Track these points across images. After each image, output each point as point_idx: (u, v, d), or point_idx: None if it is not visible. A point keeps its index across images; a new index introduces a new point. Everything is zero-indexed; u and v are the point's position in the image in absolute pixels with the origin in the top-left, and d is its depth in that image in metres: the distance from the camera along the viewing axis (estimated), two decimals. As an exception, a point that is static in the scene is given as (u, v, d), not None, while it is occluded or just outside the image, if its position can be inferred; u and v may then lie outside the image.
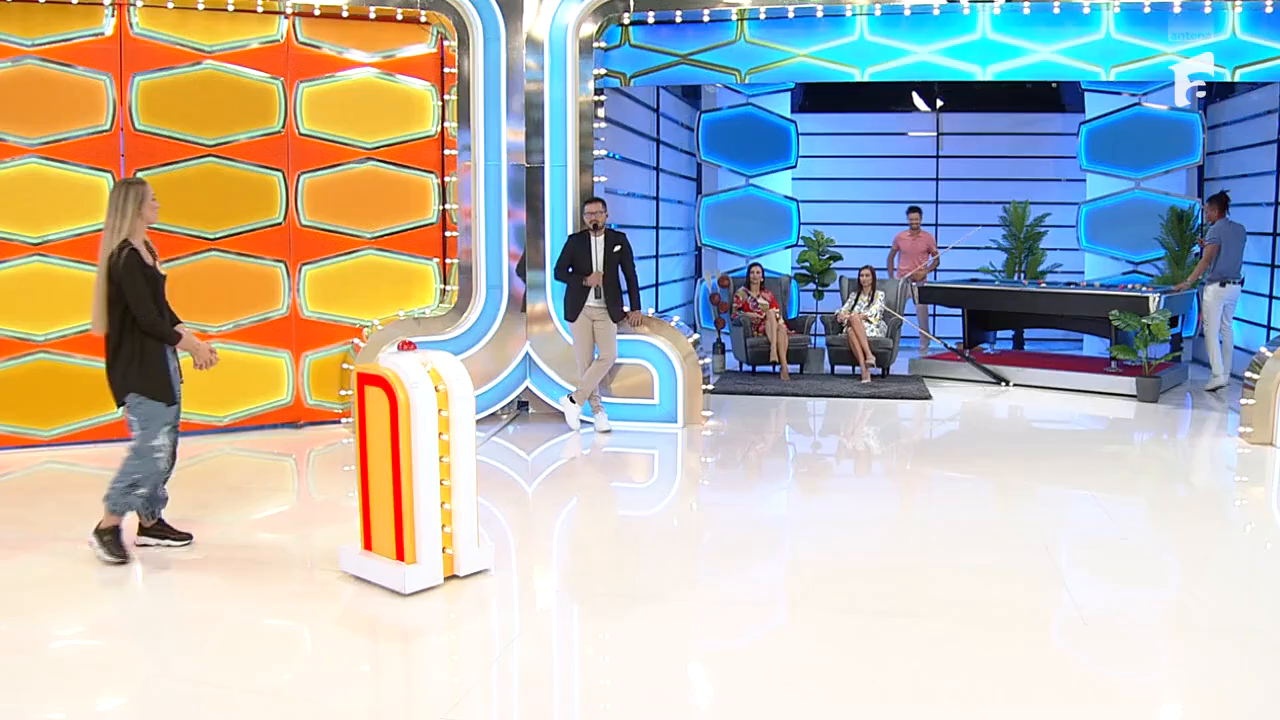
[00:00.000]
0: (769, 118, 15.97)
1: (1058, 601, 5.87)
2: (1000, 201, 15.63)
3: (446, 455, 5.86)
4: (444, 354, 6.09)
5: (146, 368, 6.30)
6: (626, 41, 10.75)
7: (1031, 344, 15.03)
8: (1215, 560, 6.69)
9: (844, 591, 5.98)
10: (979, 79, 10.61)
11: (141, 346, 6.27)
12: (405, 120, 10.34)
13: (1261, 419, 9.67)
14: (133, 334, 6.25)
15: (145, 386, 6.31)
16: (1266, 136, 13.29)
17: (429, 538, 5.79)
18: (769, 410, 11.47)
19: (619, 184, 12.55)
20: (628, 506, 8.07)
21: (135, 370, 6.27)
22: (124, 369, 6.27)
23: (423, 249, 10.48)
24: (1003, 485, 8.54)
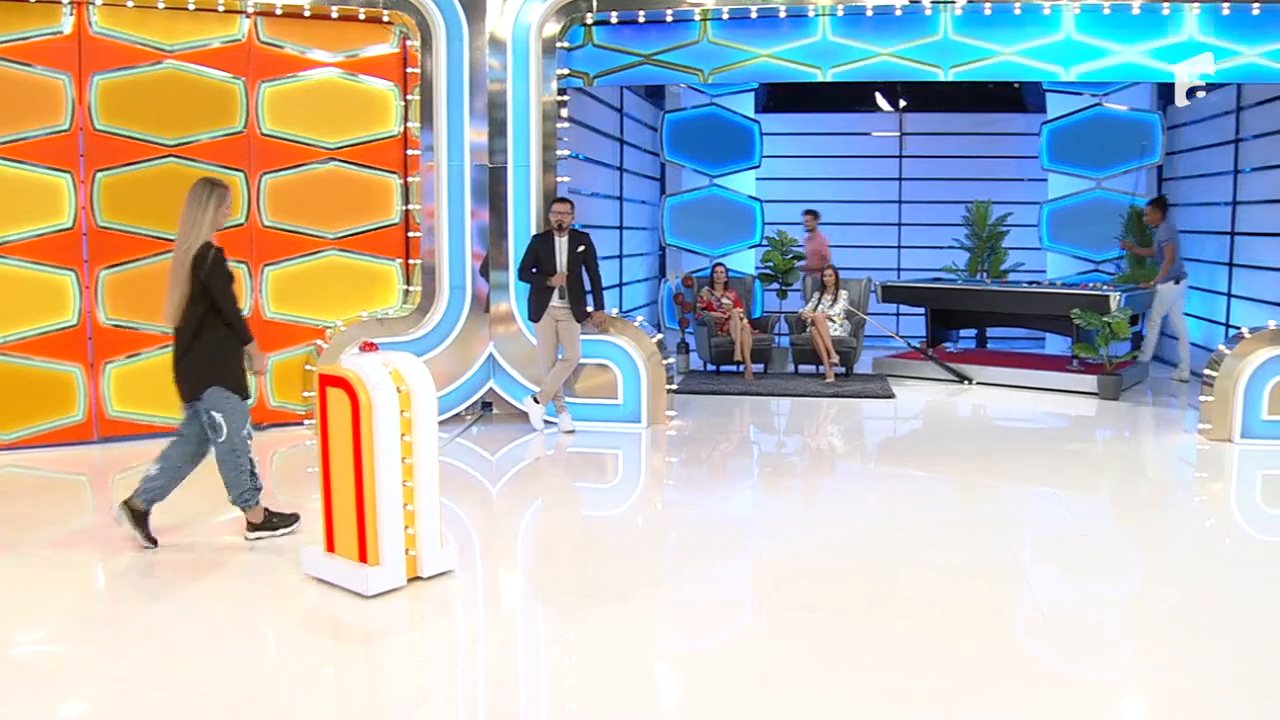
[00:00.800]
0: (732, 118, 16.02)
1: (1020, 598, 5.93)
2: (963, 201, 15.73)
3: (409, 456, 5.86)
4: (406, 355, 6.09)
5: (229, 362, 6.53)
6: (590, 42, 10.76)
7: (994, 342, 15.14)
8: (1176, 556, 6.77)
9: (809, 590, 6.01)
10: (941, 79, 10.69)
11: (222, 342, 6.46)
12: (368, 120, 10.32)
13: (1220, 415, 9.79)
14: (213, 330, 6.43)
15: (228, 380, 6.53)
16: (1224, 137, 13.44)
17: (392, 539, 5.79)
18: (733, 410, 11.51)
19: (582, 184, 12.55)
20: (592, 507, 8.08)
21: (219, 365, 6.49)
22: (203, 364, 6.45)
23: (385, 249, 10.46)
24: (966, 483, 8.60)
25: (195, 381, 6.50)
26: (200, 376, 6.49)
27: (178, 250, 6.40)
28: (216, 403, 6.52)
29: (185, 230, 6.40)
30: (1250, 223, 12.82)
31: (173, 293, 6.41)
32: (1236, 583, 6.21)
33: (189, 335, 6.44)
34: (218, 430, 6.55)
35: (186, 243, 6.38)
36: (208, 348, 6.44)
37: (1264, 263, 12.38)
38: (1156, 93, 14.90)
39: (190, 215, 6.42)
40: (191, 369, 6.49)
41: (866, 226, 16.93)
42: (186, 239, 6.38)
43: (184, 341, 6.46)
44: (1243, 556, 6.82)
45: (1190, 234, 14.49)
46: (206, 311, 6.41)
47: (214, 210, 6.46)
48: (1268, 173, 12.37)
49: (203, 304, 6.40)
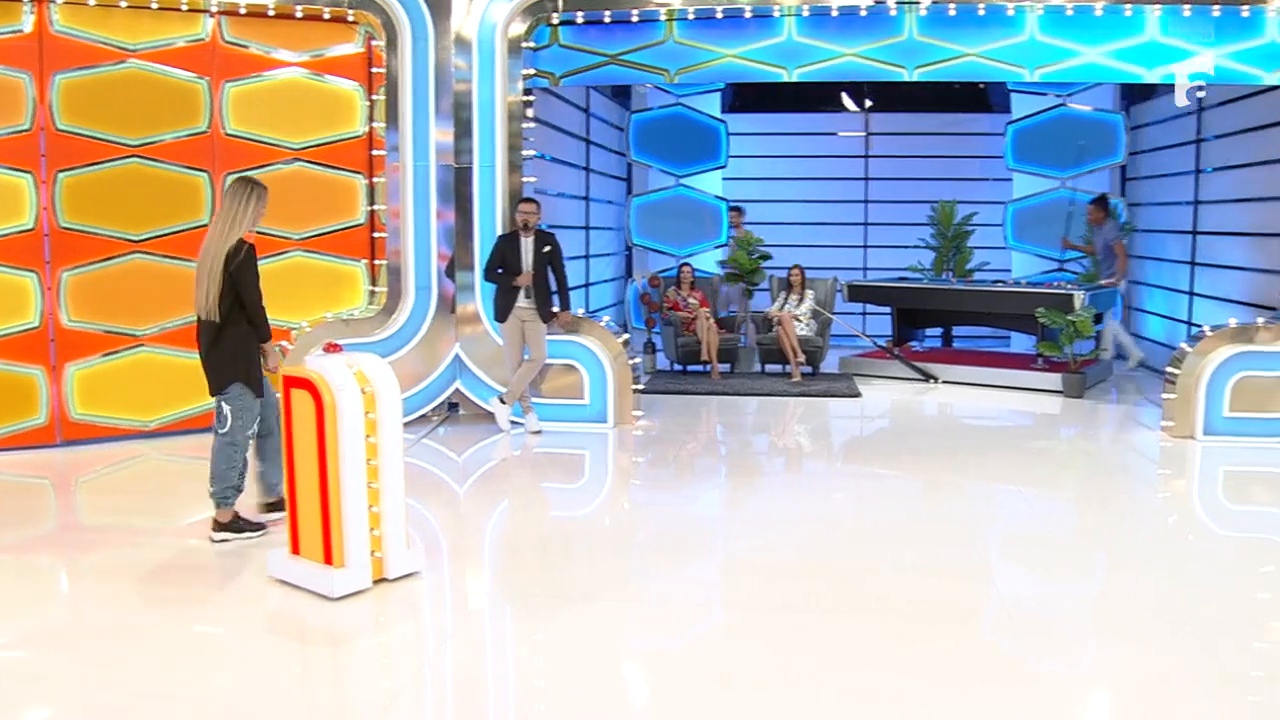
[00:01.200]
0: (699, 118, 16.03)
1: (987, 596, 5.98)
2: (928, 201, 15.80)
3: (374, 458, 5.86)
4: (370, 356, 6.09)
5: (250, 361, 6.74)
6: (555, 42, 10.77)
7: (960, 341, 15.23)
8: (1140, 552, 6.83)
9: (777, 590, 6.04)
10: (906, 80, 10.75)
11: (245, 339, 6.65)
12: (333, 120, 10.29)
13: (1182, 413, 9.90)
14: (238, 326, 6.61)
15: (248, 378, 6.72)
16: (1186, 136, 13.56)
17: (357, 541, 5.79)
18: (700, 409, 11.53)
19: (548, 184, 12.55)
20: (559, 507, 8.09)
21: (242, 362, 6.68)
22: (227, 359, 6.64)
23: (351, 250, 10.43)
24: (932, 482, 8.66)
25: (219, 376, 6.69)
26: (223, 371, 6.67)
27: (211, 245, 6.55)
28: (234, 398, 6.70)
29: (222, 226, 6.57)
30: (1211, 222, 12.94)
31: (203, 285, 6.56)
32: (1200, 578, 6.29)
33: (216, 330, 6.60)
34: (223, 421, 6.72)
35: (222, 238, 6.53)
36: (232, 343, 6.62)
37: (1225, 262, 12.50)
38: (1119, 93, 15.04)
39: (229, 212, 6.59)
40: (215, 363, 6.67)
41: (832, 226, 16.98)
42: (223, 235, 6.54)
43: (210, 336, 6.63)
44: (1206, 552, 6.90)
45: (1153, 233, 14.63)
46: (233, 306, 6.58)
47: (253, 209, 6.65)
48: (1228, 172, 12.49)
49: (230, 298, 6.56)
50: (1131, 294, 15.06)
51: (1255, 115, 11.63)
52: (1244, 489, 8.77)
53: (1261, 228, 11.55)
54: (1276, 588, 6.23)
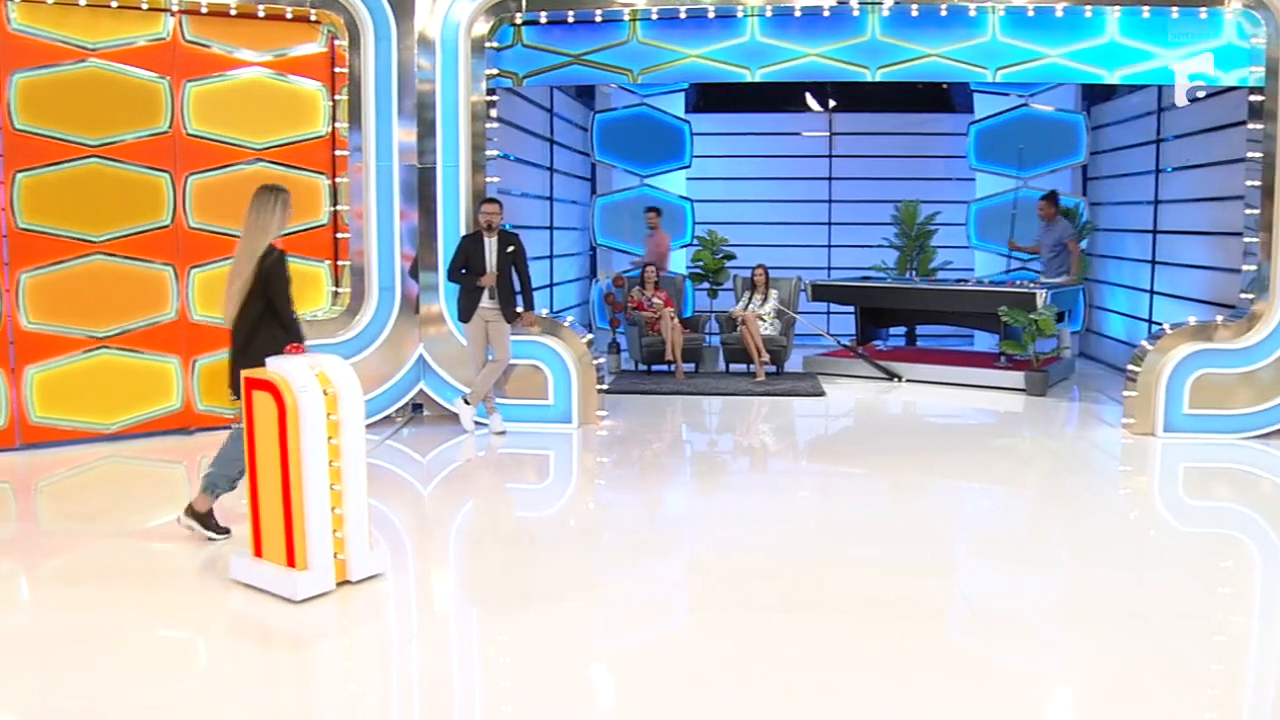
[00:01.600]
0: (663, 118, 16.07)
1: (950, 592, 6.04)
2: (892, 200, 15.88)
3: (336, 459, 5.86)
4: (332, 357, 6.09)
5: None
6: (519, 42, 10.77)
7: (923, 340, 15.30)
8: (1101, 548, 6.89)
9: (742, 589, 6.07)
10: (869, 80, 10.81)
11: (277, 342, 6.56)
12: (295, 121, 10.26)
13: (1143, 410, 10.01)
14: (269, 329, 6.63)
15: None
16: (1146, 137, 13.70)
17: (320, 543, 5.78)
18: (664, 409, 11.56)
19: (512, 184, 12.54)
20: (524, 508, 8.10)
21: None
22: (258, 362, 6.44)
23: (314, 251, 10.39)
24: (896, 480, 8.72)
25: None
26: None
27: (243, 252, 6.62)
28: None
29: (252, 234, 6.64)
30: (1171, 221, 13.07)
31: (233, 291, 6.63)
32: (1161, 573, 6.37)
33: (247, 333, 6.66)
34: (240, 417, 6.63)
35: (252, 245, 6.61)
36: (264, 346, 6.56)
37: (1185, 260, 12.64)
38: (1080, 93, 15.17)
39: (257, 220, 6.66)
40: (248, 364, 6.54)
41: (797, 226, 17.03)
42: (253, 242, 6.62)
43: (241, 339, 6.68)
44: (1167, 547, 6.98)
45: (1114, 232, 14.76)
46: (264, 311, 6.64)
47: (280, 214, 6.73)
48: (1188, 172, 12.62)
49: (261, 303, 6.62)
50: (1093, 292, 15.20)
51: (1213, 116, 11.75)
52: (1204, 485, 8.88)
53: (1219, 227, 11.68)
54: (1236, 582, 6.33)
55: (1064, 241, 13.54)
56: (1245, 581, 6.41)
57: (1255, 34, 9.91)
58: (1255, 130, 9.97)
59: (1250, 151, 10.03)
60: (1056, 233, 13.59)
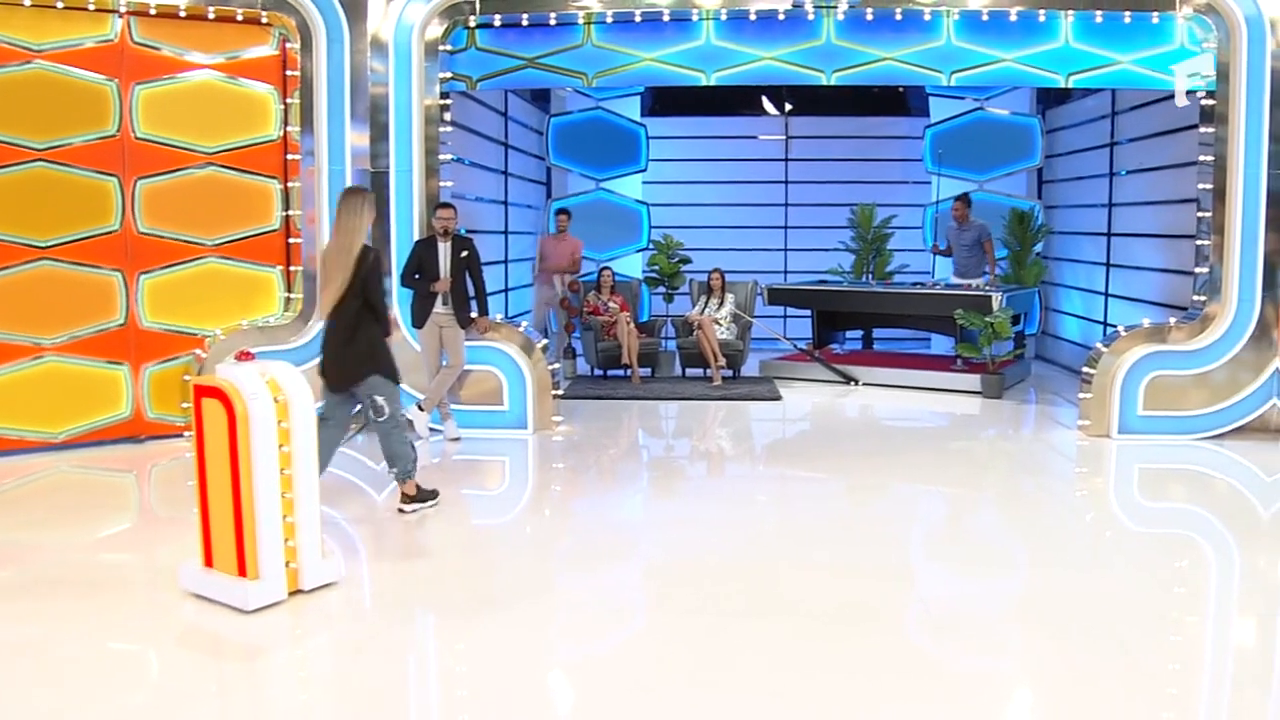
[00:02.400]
0: (618, 121, 16.08)
1: (908, 596, 6.07)
2: (848, 204, 15.95)
3: (287, 467, 5.83)
4: (283, 364, 6.05)
5: (386, 354, 7.42)
6: (473, 45, 10.75)
7: (880, 343, 15.37)
8: (1057, 550, 6.95)
9: (700, 593, 6.08)
10: (824, 83, 10.85)
11: (375, 336, 7.33)
12: (247, 124, 10.19)
13: (1098, 412, 10.11)
14: (367, 325, 7.25)
15: (388, 369, 7.41)
16: (1100, 140, 13.84)
17: (271, 552, 5.75)
18: (620, 414, 11.56)
19: (466, 189, 12.50)
20: (480, 514, 8.07)
21: (378, 354, 7.36)
22: (364, 354, 7.28)
23: (266, 256, 10.33)
24: (853, 484, 8.75)
25: (355, 369, 7.30)
26: (361, 365, 7.29)
27: (337, 252, 7.15)
28: (378, 387, 7.34)
29: (344, 235, 7.17)
30: (1125, 224, 13.20)
31: (330, 288, 7.15)
32: (1117, 574, 6.41)
33: (348, 330, 7.21)
34: (380, 411, 7.38)
35: (347, 245, 7.13)
36: (367, 339, 7.26)
37: (1139, 263, 12.77)
38: (1035, 97, 15.30)
39: (348, 221, 7.19)
40: (353, 358, 7.28)
41: (753, 230, 17.08)
42: (347, 242, 7.14)
43: (342, 334, 7.22)
44: (1123, 548, 7.05)
45: (1068, 235, 14.89)
46: (362, 307, 7.19)
47: (367, 215, 7.28)
48: (1141, 175, 12.76)
49: (359, 300, 7.17)
50: (1049, 295, 15.33)
51: (1165, 120, 11.88)
52: (1158, 486, 8.96)
53: (1172, 229, 11.82)
54: (1191, 583, 6.39)
55: (980, 242, 13.64)
56: (1200, 582, 6.47)
57: (1207, 39, 10.03)
58: (1207, 134, 10.10)
59: (1202, 155, 10.15)
60: (973, 234, 13.69)
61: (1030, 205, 14.91)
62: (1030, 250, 14.63)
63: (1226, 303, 9.95)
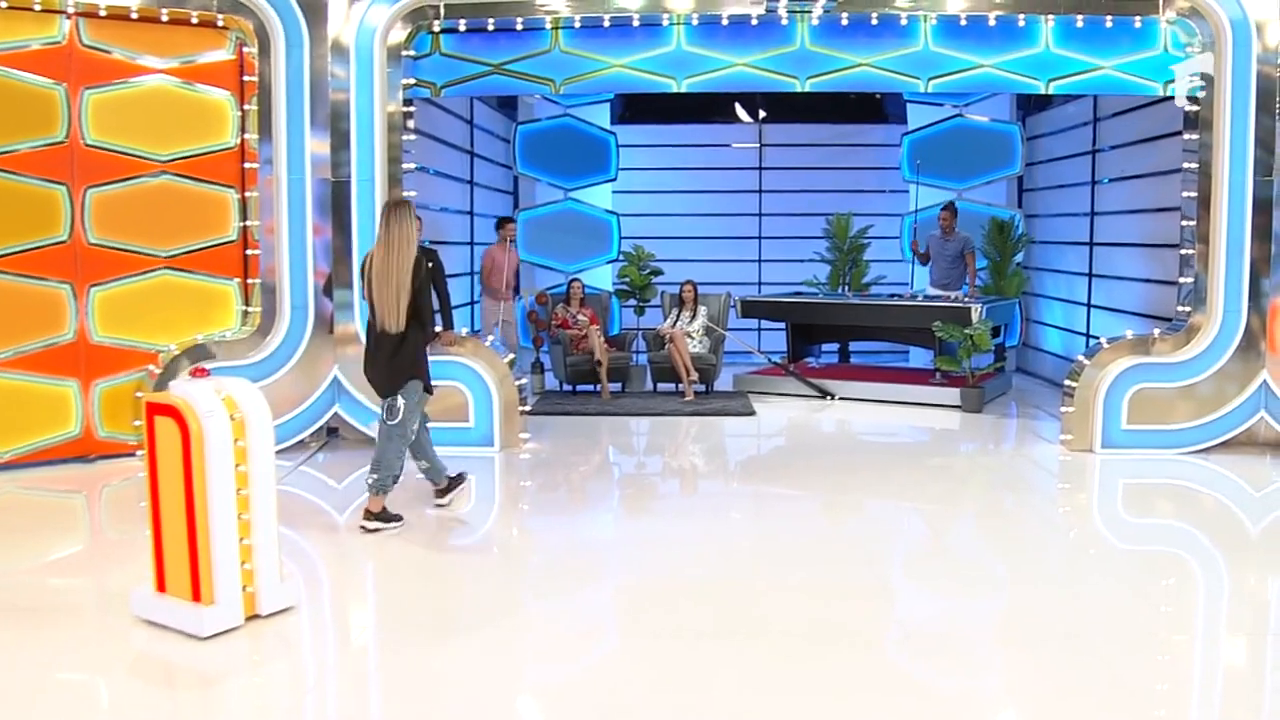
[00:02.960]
0: (587, 129, 16.05)
1: (886, 615, 6.07)
2: (824, 213, 15.97)
3: (244, 487, 5.77)
4: (240, 380, 5.99)
5: (426, 361, 7.81)
6: (437, 50, 10.73)
7: (857, 357, 15.38)
8: (1040, 568, 6.96)
9: (672, 614, 6.06)
10: (798, 90, 10.87)
11: (423, 344, 7.75)
12: (203, 131, 10.11)
13: (1081, 426, 10.12)
14: (418, 332, 7.66)
15: (424, 375, 7.79)
16: (1082, 147, 13.91)
17: (227, 576, 5.68)
18: (590, 431, 11.53)
19: (431, 199, 12.47)
20: (445, 535, 8.00)
21: (421, 361, 7.74)
22: (409, 361, 7.64)
23: (222, 268, 10.25)
24: (829, 501, 8.75)
25: (400, 376, 7.64)
26: (405, 371, 7.64)
27: (393, 264, 7.49)
28: (410, 392, 7.68)
29: (399, 247, 7.51)
30: (1108, 233, 13.27)
31: (397, 300, 7.50)
32: (1102, 592, 6.42)
33: (400, 336, 7.56)
34: (394, 413, 7.67)
35: (403, 256, 7.50)
36: (414, 347, 7.65)
37: (1122, 273, 12.83)
38: (1015, 104, 15.37)
39: (400, 232, 7.53)
40: (400, 366, 7.62)
41: (726, 240, 17.09)
42: (399, 252, 7.50)
43: (394, 341, 7.56)
44: (1107, 566, 7.06)
45: (1050, 245, 14.96)
46: (413, 315, 7.57)
47: (413, 223, 7.64)
48: (1124, 183, 12.83)
49: (411, 308, 7.55)
50: (1030, 306, 15.39)
51: (1148, 126, 11.96)
52: (1143, 501, 9.00)
53: (1155, 238, 11.88)
54: (1178, 601, 6.40)
55: (964, 254, 13.69)
56: (1188, 600, 6.49)
57: (1190, 43, 10.09)
58: (1191, 140, 10.14)
59: (1186, 162, 10.20)
60: (957, 245, 13.74)
61: (1010, 214, 14.95)
62: (1010, 260, 14.68)
63: (1212, 313, 9.99)
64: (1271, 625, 5.99)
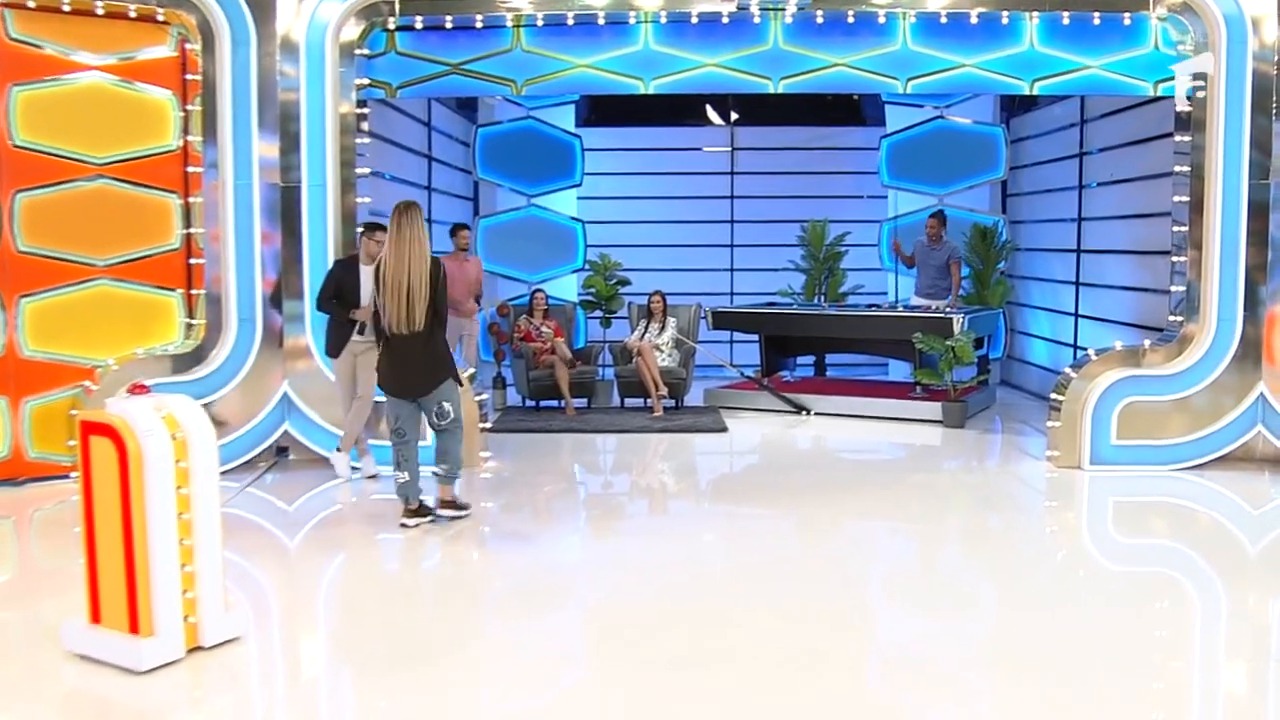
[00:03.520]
0: (551, 132, 16.03)
1: (862, 641, 6.04)
2: (799, 220, 15.97)
3: (186, 511, 5.69)
4: (181, 397, 5.92)
5: (452, 359, 8.42)
6: (392, 49, 10.68)
7: (834, 370, 15.39)
8: (1027, 591, 6.94)
9: (642, 641, 6.01)
10: (771, 91, 10.88)
11: (445, 343, 8.34)
12: (142, 133, 10.01)
13: (1068, 442, 10.13)
14: (439, 333, 8.21)
15: (455, 374, 8.38)
16: (1069, 150, 13.96)
17: (167, 605, 5.59)
18: (554, 449, 11.48)
19: (386, 205, 12.25)
20: (400, 559, 7.95)
21: (450, 361, 8.35)
22: (441, 361, 8.23)
23: (164, 278, 10.16)
24: (805, 521, 8.73)
25: (432, 378, 8.17)
26: (439, 371, 8.19)
27: (410, 268, 7.96)
28: (448, 393, 8.28)
29: (413, 248, 7.99)
30: (1096, 239, 13.32)
31: (415, 304, 7.98)
32: (1093, 616, 6.40)
33: (426, 337, 8.09)
34: (445, 415, 8.29)
35: (416, 258, 7.98)
36: (439, 349, 8.22)
37: (1111, 281, 12.87)
38: (999, 105, 15.43)
39: (413, 234, 8.02)
40: (432, 366, 8.16)
41: (696, 248, 17.08)
42: (416, 256, 7.98)
43: (421, 343, 8.08)
44: (1098, 588, 7.05)
45: (1035, 252, 15.01)
46: (434, 317, 8.09)
47: (423, 224, 8.12)
48: (1112, 187, 12.88)
49: (433, 310, 8.08)
50: (1015, 317, 15.44)
51: (1138, 128, 12.00)
52: (1135, 520, 9.02)
53: (1146, 245, 11.92)
54: (1173, 625, 6.39)
55: (949, 264, 13.72)
56: (1183, 624, 6.48)
57: (1182, 41, 10.13)
58: (1183, 142, 10.17)
59: (1177, 165, 10.23)
60: (944, 254, 13.77)
61: (994, 220, 15.00)
62: (994, 269, 14.71)
63: (1205, 323, 10.01)
64: (1272, 651, 5.99)
